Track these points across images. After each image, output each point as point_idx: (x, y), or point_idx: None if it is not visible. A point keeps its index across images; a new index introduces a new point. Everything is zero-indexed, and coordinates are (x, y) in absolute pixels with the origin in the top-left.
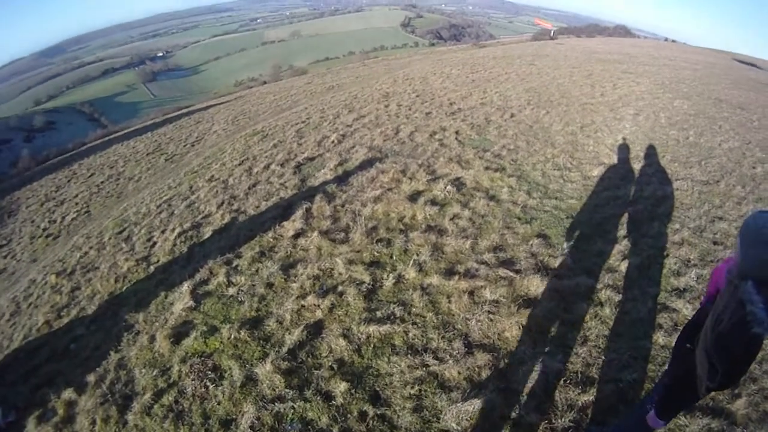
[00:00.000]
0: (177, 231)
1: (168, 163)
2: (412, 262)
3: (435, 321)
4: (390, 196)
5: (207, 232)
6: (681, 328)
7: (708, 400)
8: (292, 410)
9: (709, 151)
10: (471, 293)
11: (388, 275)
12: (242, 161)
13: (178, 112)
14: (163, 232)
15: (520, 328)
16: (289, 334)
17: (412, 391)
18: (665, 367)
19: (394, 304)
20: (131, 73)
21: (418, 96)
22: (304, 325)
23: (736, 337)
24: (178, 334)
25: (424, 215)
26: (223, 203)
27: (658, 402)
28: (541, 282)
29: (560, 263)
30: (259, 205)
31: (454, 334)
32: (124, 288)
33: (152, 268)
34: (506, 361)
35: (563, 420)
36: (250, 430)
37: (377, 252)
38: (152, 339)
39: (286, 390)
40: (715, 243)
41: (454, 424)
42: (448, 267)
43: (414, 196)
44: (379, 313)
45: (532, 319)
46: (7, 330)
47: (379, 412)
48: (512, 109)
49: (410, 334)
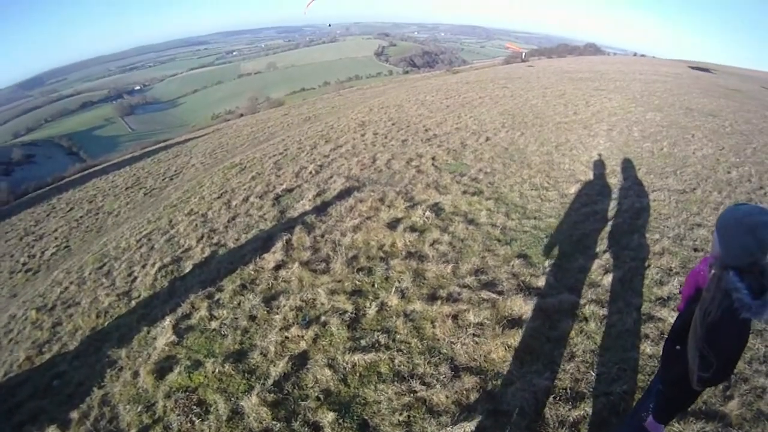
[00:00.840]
0: (157, 265)
1: (147, 197)
2: (394, 289)
3: (420, 347)
4: (369, 225)
5: (188, 266)
6: (667, 335)
7: (701, 403)
8: None
9: (684, 160)
10: (455, 317)
11: (370, 303)
12: (221, 194)
13: (157, 146)
14: (144, 266)
15: (506, 349)
16: (274, 366)
17: (401, 418)
18: (655, 376)
19: (378, 331)
20: (109, 107)
21: (393, 124)
22: (289, 357)
23: (727, 326)
24: (162, 369)
25: (404, 242)
26: (203, 237)
27: (655, 407)
28: (524, 302)
29: (542, 282)
30: (239, 238)
31: (440, 359)
32: (106, 323)
33: (134, 303)
34: (494, 382)
35: None
36: None
37: (359, 281)
38: (136, 374)
39: (273, 422)
40: (696, 250)
41: None
42: (431, 292)
43: (393, 224)
44: (363, 342)
45: (518, 339)
46: None
47: None
48: (487, 132)
49: (396, 361)
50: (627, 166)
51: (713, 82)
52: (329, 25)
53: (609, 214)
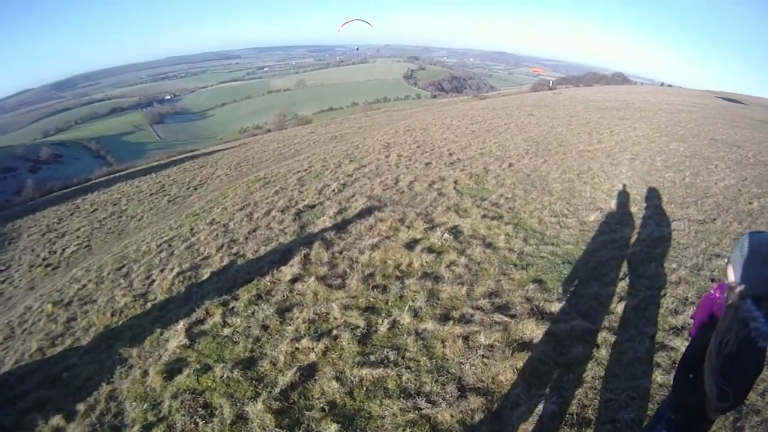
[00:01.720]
0: (176, 271)
1: (170, 204)
2: (407, 307)
3: (429, 365)
4: (387, 244)
5: (205, 274)
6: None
7: None
8: None
9: (706, 190)
10: (465, 338)
11: (383, 320)
12: (243, 206)
13: (183, 155)
14: (162, 270)
15: (514, 372)
16: (282, 375)
17: None
18: (663, 403)
19: (388, 348)
20: (139, 114)
21: (418, 146)
22: (298, 367)
23: (744, 355)
24: (171, 371)
25: (420, 262)
26: (222, 246)
27: None
28: (536, 326)
29: (556, 307)
30: (258, 250)
31: (447, 378)
32: (120, 322)
33: (149, 305)
34: (500, 404)
35: None
36: None
37: (373, 298)
38: (145, 374)
39: (277, 429)
40: (713, 280)
41: None
42: (444, 313)
43: (411, 244)
44: (372, 357)
45: (527, 362)
46: (0, 353)
47: None
48: (511, 158)
49: (403, 378)
50: (648, 196)
51: (740, 113)
52: (357, 48)
53: (627, 242)
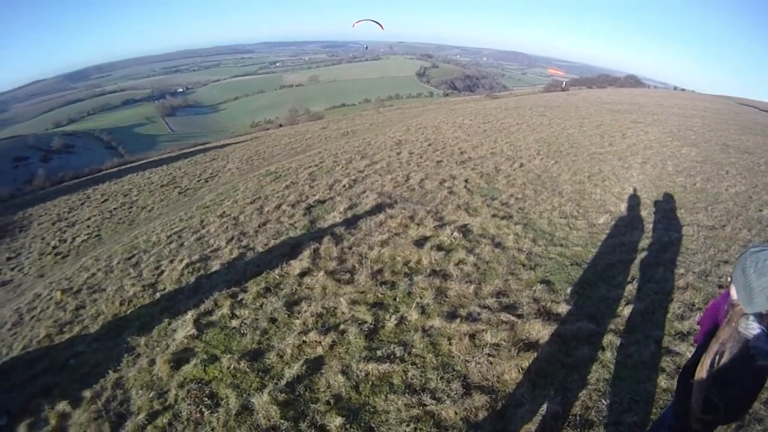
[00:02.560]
0: (185, 262)
1: (181, 196)
2: (415, 304)
3: (435, 362)
4: (397, 241)
5: (215, 266)
6: (681, 369)
7: None
8: None
9: (716, 196)
10: (472, 336)
11: (390, 316)
12: (254, 200)
13: (194, 148)
14: (172, 261)
15: (519, 371)
16: (289, 367)
17: (408, 429)
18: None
19: (395, 344)
20: (151, 106)
21: (430, 144)
22: (304, 360)
23: (742, 371)
24: (179, 360)
25: (429, 260)
26: (232, 239)
27: None
28: (542, 327)
29: (563, 309)
30: (268, 243)
31: (453, 375)
32: (129, 311)
33: (158, 295)
34: (504, 402)
35: None
36: None
37: (381, 294)
38: (152, 362)
39: (282, 421)
40: (720, 287)
41: None
42: (451, 310)
43: (420, 242)
44: (379, 352)
45: (533, 362)
46: (8, 339)
47: None
48: (522, 158)
49: (409, 374)
50: (658, 200)
51: (752, 119)
52: (366, 47)
53: (636, 246)
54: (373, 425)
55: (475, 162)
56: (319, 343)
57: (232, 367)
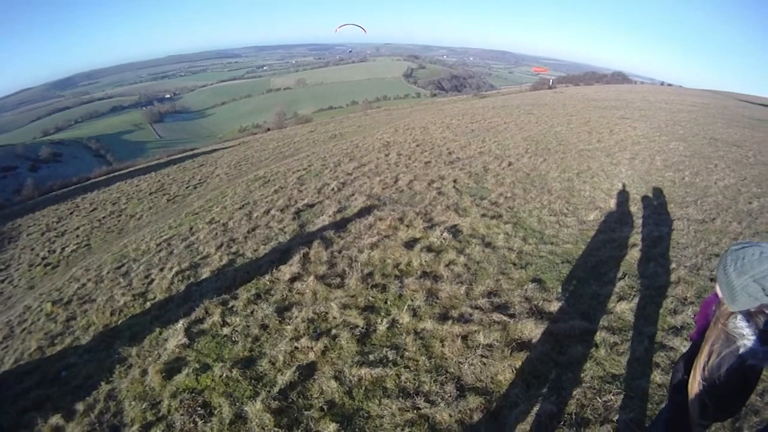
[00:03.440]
0: (175, 270)
1: (170, 203)
2: (406, 307)
3: (428, 364)
4: (387, 243)
5: (205, 273)
6: (675, 363)
7: None
8: None
9: (705, 189)
10: (464, 337)
11: (382, 320)
12: (243, 205)
13: (183, 154)
14: (162, 270)
15: (513, 372)
16: (281, 374)
17: None
18: (662, 406)
19: (387, 347)
20: (138, 113)
21: (418, 145)
22: (297, 366)
23: (731, 372)
24: (171, 370)
25: (419, 262)
26: (222, 245)
27: None
28: (535, 326)
29: (555, 307)
30: (258, 249)
31: (446, 378)
32: (120, 321)
33: (148, 304)
34: (499, 403)
35: None
36: None
37: (372, 297)
38: (144, 373)
39: (276, 429)
40: (712, 280)
41: None
42: (443, 312)
43: (410, 243)
44: (371, 357)
45: (526, 362)
46: None
47: None
48: (510, 157)
49: (402, 377)
50: (647, 195)
51: (740, 113)
52: (350, 51)
53: (626, 241)
54: (368, 430)
55: (464, 162)
56: (311, 348)
57: (225, 375)
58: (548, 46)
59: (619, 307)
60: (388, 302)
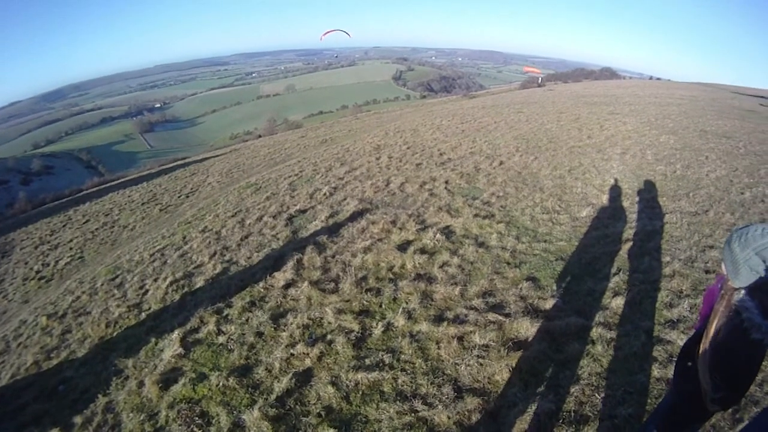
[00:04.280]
0: (169, 280)
1: (162, 213)
2: (401, 310)
3: (424, 367)
4: (380, 247)
5: (199, 282)
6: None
7: (709, 427)
8: None
9: (697, 182)
10: (460, 339)
11: (377, 323)
12: (235, 213)
13: (174, 164)
14: (156, 280)
15: (510, 371)
16: (278, 381)
17: None
18: (660, 400)
19: (383, 351)
20: (129, 123)
21: (408, 148)
22: (293, 373)
23: (737, 346)
24: (167, 380)
25: (413, 264)
26: (215, 254)
27: (662, 422)
28: (531, 324)
29: (550, 305)
30: (251, 256)
31: (443, 380)
32: (115, 333)
33: (143, 315)
34: (497, 404)
35: None
36: None
37: (367, 301)
38: (141, 384)
39: None
40: (707, 272)
41: None
42: (438, 314)
43: (403, 246)
44: (368, 361)
45: (523, 361)
46: None
47: None
48: (501, 156)
49: (399, 381)
50: (640, 189)
51: (729, 104)
52: (335, 56)
53: (620, 237)
54: None
55: (455, 163)
56: (307, 355)
57: (221, 384)
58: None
59: (614, 303)
60: (383, 306)
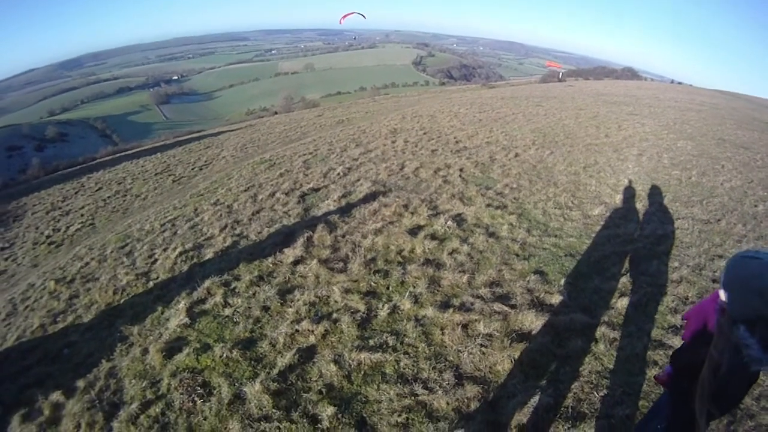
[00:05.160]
0: (179, 250)
1: (175, 184)
2: (408, 293)
3: (427, 351)
4: (391, 229)
5: (208, 254)
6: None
7: None
8: (278, 430)
9: (711, 190)
10: (465, 326)
11: (383, 305)
12: (248, 188)
13: (189, 136)
14: (165, 250)
15: (512, 362)
16: (281, 356)
17: (399, 419)
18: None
19: (388, 333)
20: (145, 94)
21: (425, 133)
22: (297, 349)
23: (737, 379)
24: (171, 349)
25: (423, 249)
26: (226, 227)
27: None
28: (535, 317)
29: (556, 300)
30: (262, 231)
31: (445, 365)
32: (122, 300)
33: (151, 284)
34: (496, 393)
35: None
36: None
37: (374, 282)
38: (145, 351)
39: (273, 410)
40: (714, 281)
41: None
42: (444, 300)
43: (414, 230)
44: (371, 342)
45: (525, 353)
46: (2, 329)
47: None
48: (517, 148)
49: (401, 363)
50: (653, 193)
51: (750, 115)
52: (354, 38)
53: (630, 238)
54: (365, 415)
55: (471, 151)
56: (312, 332)
57: (225, 356)
58: (559, 38)
59: (620, 303)
60: (390, 288)
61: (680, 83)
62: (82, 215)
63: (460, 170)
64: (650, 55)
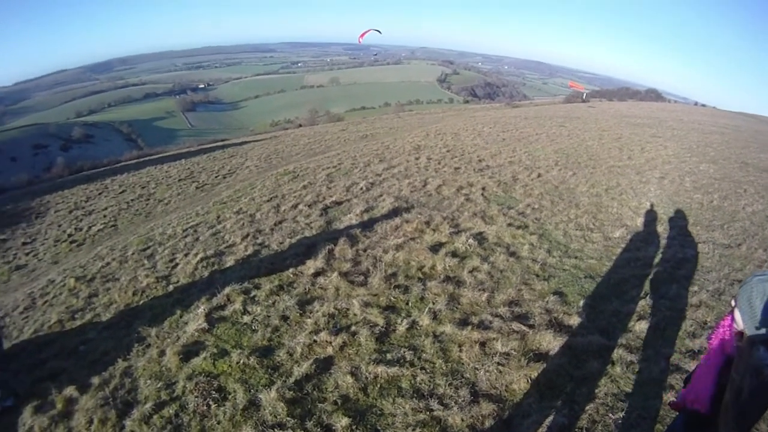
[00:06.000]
0: (200, 256)
1: (198, 191)
2: (427, 309)
3: (444, 368)
4: (412, 245)
5: (229, 261)
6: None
7: None
8: None
9: (733, 214)
10: (482, 344)
11: (402, 320)
12: (271, 198)
13: (213, 144)
14: (186, 255)
15: (528, 381)
16: (298, 366)
17: None
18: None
19: (405, 348)
20: (171, 101)
21: (448, 151)
22: (314, 360)
23: (757, 400)
24: (188, 353)
25: (443, 266)
26: (248, 235)
27: None
28: (553, 338)
29: (575, 321)
30: (283, 242)
31: (461, 382)
32: (141, 302)
33: (171, 288)
34: (511, 412)
35: None
36: None
37: (394, 297)
38: (162, 353)
39: (288, 418)
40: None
41: None
42: (463, 317)
43: (435, 247)
44: (389, 356)
45: (542, 373)
46: (19, 322)
47: None
48: (540, 168)
49: (418, 378)
50: (675, 216)
51: None
52: (375, 54)
53: (651, 261)
54: (380, 428)
55: (493, 170)
56: (330, 343)
57: (242, 362)
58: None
59: (638, 326)
60: (410, 303)
61: (704, 105)
62: (105, 216)
63: (483, 189)
64: (675, 77)
